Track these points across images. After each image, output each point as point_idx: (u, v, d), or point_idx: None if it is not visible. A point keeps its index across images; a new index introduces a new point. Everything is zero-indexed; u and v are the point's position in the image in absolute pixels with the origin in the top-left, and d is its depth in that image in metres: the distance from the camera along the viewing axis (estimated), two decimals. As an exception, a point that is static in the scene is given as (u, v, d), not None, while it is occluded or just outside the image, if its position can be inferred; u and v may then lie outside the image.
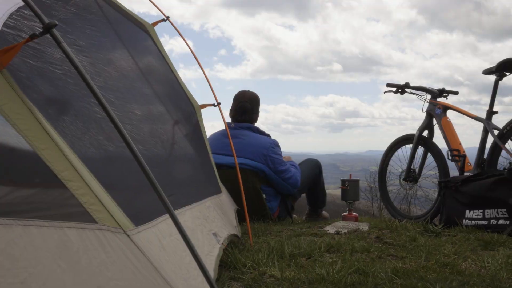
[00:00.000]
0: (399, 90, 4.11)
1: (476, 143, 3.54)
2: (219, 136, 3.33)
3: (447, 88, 4.14)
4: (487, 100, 3.51)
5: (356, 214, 3.67)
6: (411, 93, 4.15)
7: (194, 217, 1.44)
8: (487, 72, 3.50)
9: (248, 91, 3.59)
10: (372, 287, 1.42)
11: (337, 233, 2.74)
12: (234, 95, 3.59)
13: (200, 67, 2.70)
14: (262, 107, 3.68)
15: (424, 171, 4.13)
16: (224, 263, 1.71)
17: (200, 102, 2.64)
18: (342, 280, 1.46)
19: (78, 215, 0.76)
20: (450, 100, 4.05)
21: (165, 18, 2.77)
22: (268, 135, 3.53)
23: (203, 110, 2.58)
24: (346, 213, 3.67)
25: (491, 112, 3.47)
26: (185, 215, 1.35)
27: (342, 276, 1.49)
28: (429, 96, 4.04)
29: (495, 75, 3.43)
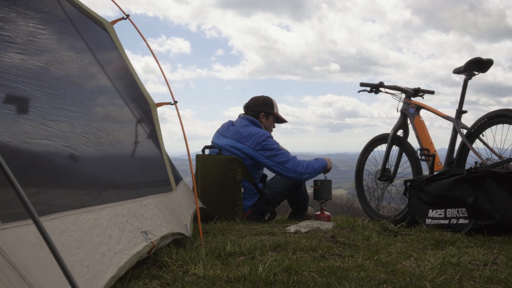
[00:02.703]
0: (373, 90, 4.08)
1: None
2: (228, 122, 3.76)
3: (447, 87, 4.05)
4: (486, 100, 3.55)
5: (328, 213, 3.66)
6: (386, 92, 4.13)
7: (116, 214, 1.44)
8: (456, 71, 3.49)
9: (261, 95, 3.91)
10: (292, 285, 1.41)
11: (296, 232, 2.74)
12: (233, 95, 3.95)
13: (160, 68, 2.69)
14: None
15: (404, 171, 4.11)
16: (158, 262, 1.70)
17: (201, 102, 2.68)
18: (262, 278, 1.45)
19: None
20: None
21: (125, 17, 2.77)
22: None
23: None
24: (318, 213, 3.67)
25: (460, 112, 3.47)
26: (102, 212, 1.35)
27: (266, 274, 1.48)
28: (403, 96, 4.03)
29: (464, 74, 3.42)
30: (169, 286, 1.40)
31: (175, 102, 2.63)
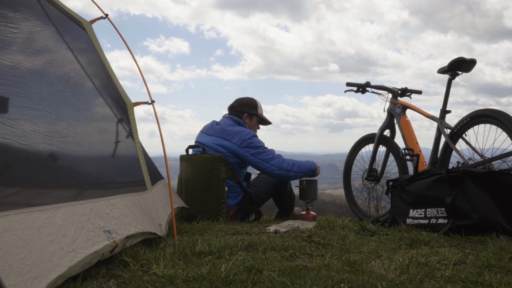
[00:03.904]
0: (360, 89, 4.08)
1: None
2: (212, 122, 3.79)
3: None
4: (484, 100, 3.56)
5: (313, 213, 3.66)
6: (373, 92, 4.12)
7: (74, 213, 1.43)
8: (441, 71, 3.49)
9: (246, 97, 3.93)
10: (250, 285, 1.40)
11: (275, 232, 2.73)
12: (232, 95, 3.99)
13: (137, 66, 2.69)
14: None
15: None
16: (123, 261, 1.69)
17: (200, 102, 2.68)
18: (221, 277, 1.45)
19: None
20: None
21: (104, 16, 2.77)
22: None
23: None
24: (304, 212, 3.67)
25: (444, 111, 3.47)
26: (58, 211, 1.34)
27: (226, 274, 1.48)
28: (390, 96, 4.03)
29: (448, 74, 3.42)
30: (125, 285, 1.39)
31: (152, 101, 2.62)
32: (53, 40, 2.26)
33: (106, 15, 2.77)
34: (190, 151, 3.68)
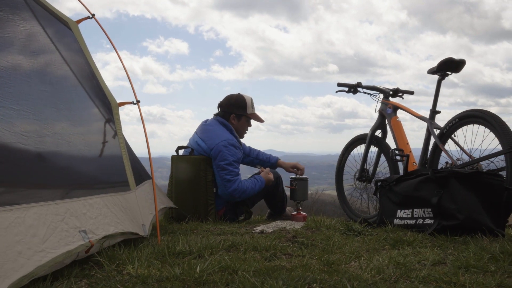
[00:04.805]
0: (351, 90, 4.07)
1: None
2: (203, 122, 3.76)
3: (445, 88, 3.77)
4: (484, 101, 3.53)
5: (304, 213, 3.65)
6: (364, 92, 4.12)
7: (47, 213, 1.42)
8: (430, 72, 3.49)
9: (236, 93, 3.82)
10: (222, 285, 1.39)
11: (262, 232, 2.72)
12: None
13: (124, 68, 2.68)
14: (260, 108, 3.93)
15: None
16: (97, 262, 1.69)
17: (200, 102, 2.67)
18: (195, 278, 1.44)
19: None
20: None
21: (91, 16, 2.77)
22: (234, 135, 3.65)
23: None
24: (295, 213, 3.66)
25: (434, 112, 3.46)
26: (29, 211, 1.34)
27: (200, 274, 1.47)
28: (382, 96, 4.02)
29: (438, 74, 3.42)
30: (96, 285, 1.39)
31: (138, 101, 2.62)
32: (37, 40, 2.26)
33: (93, 15, 2.77)
34: (181, 152, 3.67)
